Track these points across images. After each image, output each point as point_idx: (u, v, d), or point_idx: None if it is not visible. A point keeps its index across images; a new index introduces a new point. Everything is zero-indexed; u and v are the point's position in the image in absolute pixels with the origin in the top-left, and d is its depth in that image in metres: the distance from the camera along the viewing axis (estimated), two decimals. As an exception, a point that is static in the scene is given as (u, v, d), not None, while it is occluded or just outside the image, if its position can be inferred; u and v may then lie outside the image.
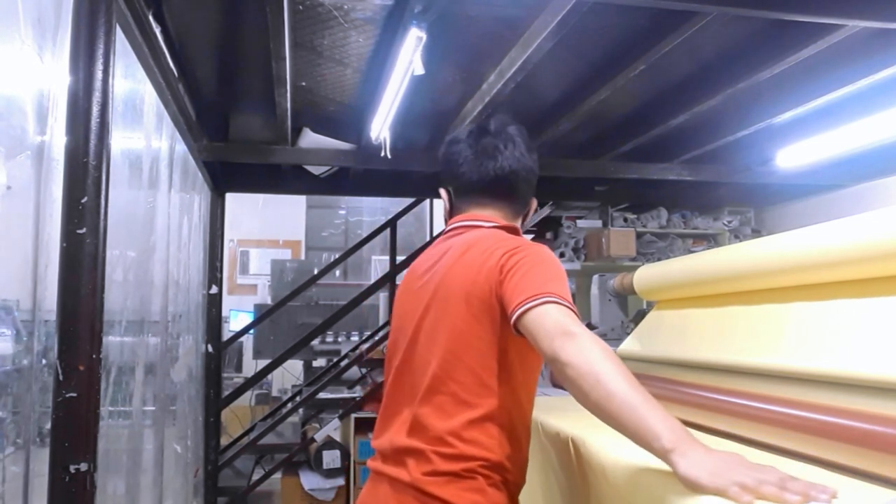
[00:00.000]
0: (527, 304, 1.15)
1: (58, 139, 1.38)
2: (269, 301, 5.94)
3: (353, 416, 4.29)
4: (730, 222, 4.94)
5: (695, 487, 0.92)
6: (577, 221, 4.78)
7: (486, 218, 1.44)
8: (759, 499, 0.88)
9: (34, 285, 1.36)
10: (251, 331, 5.09)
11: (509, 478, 1.29)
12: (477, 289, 1.26)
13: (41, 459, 1.30)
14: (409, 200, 5.56)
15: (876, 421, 1.13)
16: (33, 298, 1.37)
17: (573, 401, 2.38)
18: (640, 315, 2.55)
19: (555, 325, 1.11)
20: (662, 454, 0.97)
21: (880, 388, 1.18)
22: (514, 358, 1.28)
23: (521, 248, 1.27)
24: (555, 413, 1.98)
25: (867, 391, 1.21)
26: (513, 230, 1.43)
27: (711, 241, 4.94)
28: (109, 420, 1.80)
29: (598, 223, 4.77)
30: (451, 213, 1.52)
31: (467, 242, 1.36)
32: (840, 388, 1.27)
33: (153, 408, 2.43)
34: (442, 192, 1.53)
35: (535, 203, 1.53)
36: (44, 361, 1.38)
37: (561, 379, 1.12)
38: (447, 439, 1.24)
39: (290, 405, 4.87)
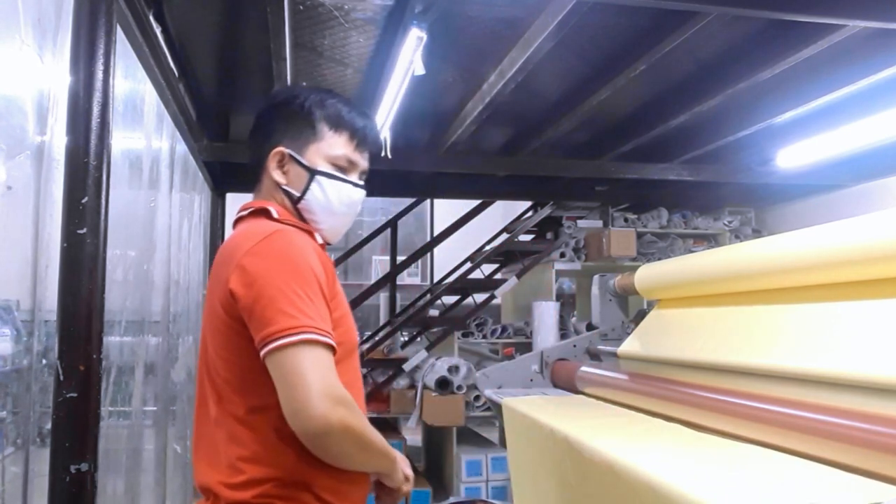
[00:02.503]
0: (266, 345, 1.03)
1: (58, 139, 1.38)
2: (269, 301, 5.91)
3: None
4: (730, 222, 4.94)
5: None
6: (578, 221, 4.78)
7: (248, 205, 1.29)
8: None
9: (34, 285, 1.36)
10: (251, 331, 5.07)
11: (323, 495, 1.13)
12: (221, 301, 1.13)
13: (41, 459, 1.30)
14: (409, 200, 5.56)
15: (875, 421, 1.13)
16: (33, 298, 1.37)
17: (570, 401, 2.38)
18: (641, 315, 2.55)
19: (317, 390, 1.01)
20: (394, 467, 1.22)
21: (880, 388, 1.18)
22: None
23: (251, 250, 1.10)
24: (551, 413, 1.98)
25: (867, 392, 1.21)
26: (265, 212, 1.24)
27: (712, 241, 4.94)
28: (109, 420, 1.80)
29: (599, 223, 4.77)
30: None
31: (225, 244, 1.23)
32: (840, 389, 1.27)
33: (153, 407, 2.43)
34: None
35: (279, 157, 1.27)
36: (44, 361, 1.38)
37: (323, 446, 1.06)
38: (236, 465, 1.10)
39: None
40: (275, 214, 1.23)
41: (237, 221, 1.28)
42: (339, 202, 1.27)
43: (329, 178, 1.26)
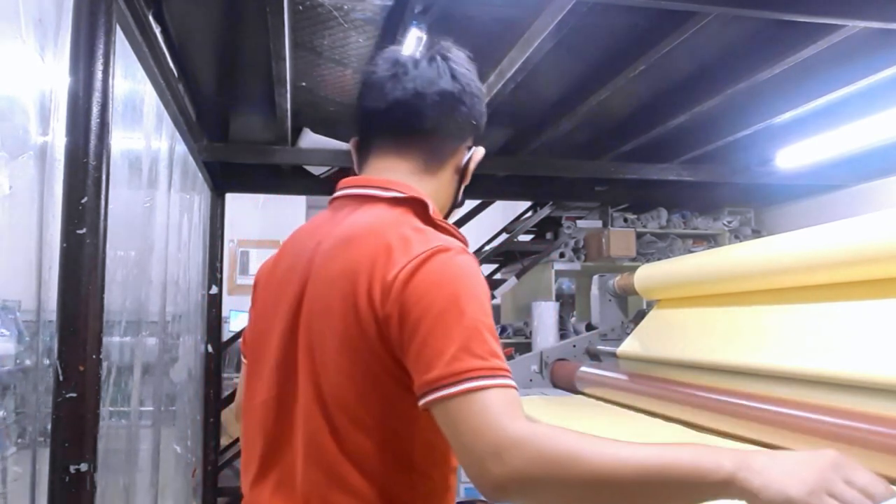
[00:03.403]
0: (439, 390, 0.80)
1: (60, 140, 1.38)
2: (268, 301, 5.91)
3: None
4: (730, 223, 4.95)
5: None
6: (577, 221, 4.78)
7: (383, 183, 1.00)
8: None
9: (38, 286, 1.36)
10: (251, 331, 5.07)
11: None
12: (353, 318, 0.88)
13: (46, 459, 1.30)
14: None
15: (875, 421, 1.13)
16: (37, 299, 1.37)
17: (570, 401, 2.39)
18: (640, 315, 2.56)
19: (487, 441, 0.76)
20: (728, 484, 0.71)
21: (880, 389, 1.18)
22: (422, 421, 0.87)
23: (426, 261, 0.86)
24: (551, 413, 1.98)
25: (867, 392, 1.21)
26: (421, 207, 0.98)
27: (711, 241, 4.95)
28: (109, 420, 1.80)
29: (598, 223, 4.78)
30: (357, 162, 1.11)
31: (349, 232, 0.95)
32: (840, 389, 1.28)
33: (152, 408, 2.43)
34: (351, 142, 1.12)
35: (476, 151, 1.10)
36: (47, 362, 1.38)
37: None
38: None
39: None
40: (432, 212, 0.99)
41: (360, 198, 1.01)
42: None
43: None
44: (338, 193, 1.06)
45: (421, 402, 0.82)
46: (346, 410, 0.90)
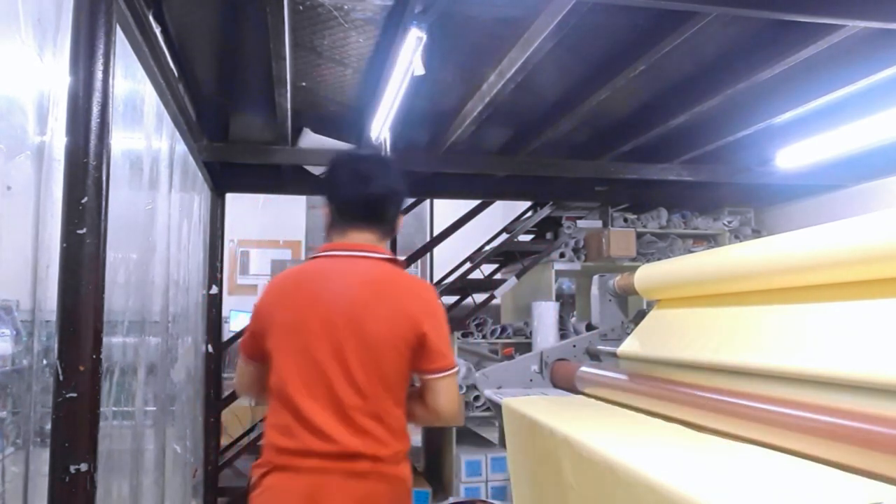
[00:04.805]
0: (443, 372, 1.59)
1: (58, 139, 1.38)
2: (268, 301, 5.90)
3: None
4: (730, 223, 4.94)
5: None
6: (577, 221, 4.77)
7: (369, 247, 1.64)
8: None
9: (34, 286, 1.36)
10: (251, 331, 5.07)
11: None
12: (401, 334, 1.55)
13: (42, 459, 1.30)
14: (409, 200, 5.56)
15: (875, 421, 1.13)
16: (34, 299, 1.37)
17: (570, 401, 2.39)
18: (640, 315, 2.55)
19: (455, 399, 1.62)
20: None
21: (880, 389, 1.18)
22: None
23: (431, 300, 1.64)
24: (551, 413, 1.98)
25: (867, 392, 1.21)
26: (399, 263, 1.70)
27: (711, 241, 4.94)
28: (111, 421, 1.80)
29: (599, 223, 4.77)
30: (329, 229, 1.70)
31: (373, 277, 1.60)
32: (840, 389, 1.28)
33: (152, 408, 2.42)
34: (323, 209, 1.71)
35: (401, 221, 1.76)
36: (44, 362, 1.38)
37: (431, 422, 1.67)
38: (384, 439, 1.55)
39: (290, 405, 4.86)
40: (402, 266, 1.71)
41: (361, 258, 1.63)
42: None
43: None
44: (333, 253, 1.64)
45: (433, 376, 1.58)
46: (384, 385, 1.56)
